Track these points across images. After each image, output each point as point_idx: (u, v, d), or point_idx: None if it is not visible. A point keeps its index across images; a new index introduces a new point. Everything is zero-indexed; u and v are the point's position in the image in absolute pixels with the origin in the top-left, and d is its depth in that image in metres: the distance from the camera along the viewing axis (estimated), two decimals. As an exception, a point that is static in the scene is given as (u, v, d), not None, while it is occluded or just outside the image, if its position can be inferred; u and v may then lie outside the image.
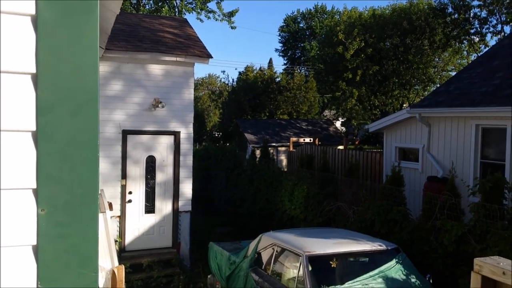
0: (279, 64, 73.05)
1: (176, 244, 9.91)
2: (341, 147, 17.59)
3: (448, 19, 23.37)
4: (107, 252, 4.11)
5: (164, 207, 9.88)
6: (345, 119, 31.99)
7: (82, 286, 1.51)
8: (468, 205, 6.96)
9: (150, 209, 9.79)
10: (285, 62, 46.02)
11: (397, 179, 8.88)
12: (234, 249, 7.92)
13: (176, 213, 9.93)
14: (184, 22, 12.35)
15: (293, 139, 20.86)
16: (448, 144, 10.19)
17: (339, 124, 37.59)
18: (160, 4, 23.41)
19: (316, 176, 11.53)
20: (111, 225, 4.73)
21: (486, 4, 22.29)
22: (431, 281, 6.06)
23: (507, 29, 22.98)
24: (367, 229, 7.89)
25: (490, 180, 6.85)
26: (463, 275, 6.16)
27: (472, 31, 23.70)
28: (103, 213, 4.24)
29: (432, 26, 22.99)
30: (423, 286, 5.82)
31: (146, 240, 9.71)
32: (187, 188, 10.03)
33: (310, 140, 20.89)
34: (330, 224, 9.01)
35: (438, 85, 20.60)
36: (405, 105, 24.91)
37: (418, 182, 10.54)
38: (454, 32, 23.58)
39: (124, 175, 9.47)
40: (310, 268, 5.82)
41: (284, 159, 20.86)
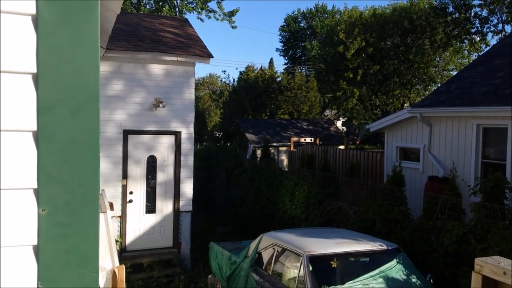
0: (280, 64, 73.08)
1: (176, 244, 9.92)
2: (342, 147, 17.59)
3: (449, 18, 23.35)
4: (107, 252, 4.11)
5: (165, 207, 9.88)
6: (346, 118, 31.97)
7: (82, 286, 1.51)
8: (469, 205, 6.96)
9: (151, 209, 9.79)
10: (286, 61, 46.05)
11: (398, 179, 8.88)
12: (234, 249, 7.92)
13: (177, 213, 9.93)
14: (185, 21, 12.36)
15: (294, 139, 20.85)
16: (449, 144, 10.18)
17: (340, 124, 37.57)
18: (160, 3, 23.41)
19: (317, 176, 11.53)
20: (112, 225, 4.73)
21: (487, 3, 22.26)
22: (431, 281, 6.06)
23: (508, 28, 23.06)
24: (368, 229, 7.88)
25: (491, 180, 6.85)
26: (464, 275, 6.15)
27: (473, 30, 23.67)
28: (104, 213, 4.24)
29: (433, 25, 22.98)
30: (423, 286, 5.82)
31: (147, 240, 9.71)
32: (188, 188, 10.03)
33: (311, 140, 20.88)
34: (331, 224, 9.01)
35: (439, 85, 20.58)
36: (406, 105, 24.88)
37: (419, 182, 10.53)
38: (455, 32, 23.56)
39: (125, 175, 9.47)
40: (311, 268, 5.82)
41: (285, 159, 20.86)
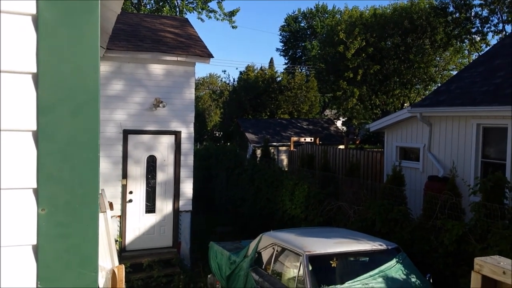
0: (280, 64, 73.08)
1: (176, 243, 9.92)
2: (342, 147, 17.59)
3: (449, 18, 23.35)
4: (107, 251, 4.11)
5: (165, 206, 9.89)
6: (346, 118, 31.97)
7: (82, 286, 1.51)
8: (469, 204, 6.96)
9: (151, 209, 9.80)
10: (286, 61, 46.03)
11: (398, 179, 8.88)
12: (234, 248, 7.92)
13: (176, 213, 9.93)
14: (185, 21, 12.36)
15: (294, 138, 20.85)
16: (449, 144, 10.18)
17: (340, 124, 37.57)
18: (161, 3, 23.40)
19: (317, 175, 11.53)
20: (111, 224, 4.73)
21: (487, 3, 22.26)
22: (431, 280, 6.06)
23: (509, 28, 23.06)
24: (368, 228, 7.88)
25: (491, 180, 6.85)
26: (463, 274, 6.15)
27: (473, 30, 23.67)
28: (104, 213, 4.24)
29: (433, 25, 22.97)
30: (423, 286, 5.82)
31: (146, 240, 9.72)
32: (187, 188, 10.03)
33: (311, 139, 20.88)
34: (330, 223, 9.01)
35: (439, 85, 20.58)
36: (406, 105, 24.88)
37: (419, 181, 10.53)
38: (455, 31, 23.56)
39: (125, 175, 9.47)
40: (311, 268, 5.82)
41: (285, 159, 20.87)
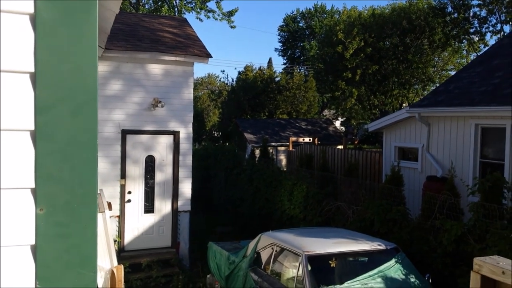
0: (279, 64, 73.05)
1: (175, 244, 9.91)
2: (340, 147, 17.60)
3: (448, 18, 23.38)
4: (106, 252, 4.10)
5: (164, 206, 9.87)
6: (345, 118, 32.00)
7: (81, 286, 1.51)
8: (468, 204, 6.96)
9: (150, 209, 9.78)
10: (285, 61, 46.06)
11: (396, 179, 8.89)
12: (233, 248, 7.92)
13: (175, 213, 9.92)
14: (184, 21, 12.35)
15: (293, 138, 20.85)
16: (448, 144, 10.19)
17: (338, 124, 37.59)
18: (159, 3, 23.40)
19: (316, 175, 11.53)
20: (110, 225, 4.72)
21: (486, 3, 22.30)
22: (430, 280, 6.06)
23: (507, 28, 23.01)
24: (367, 228, 7.88)
25: (490, 180, 6.85)
26: (462, 274, 6.16)
27: (472, 30, 23.71)
28: (102, 213, 4.23)
29: (431, 25, 23.00)
30: (422, 286, 5.82)
31: (145, 240, 9.70)
32: (186, 188, 10.02)
33: (310, 139, 20.89)
34: (329, 223, 9.01)
35: (438, 85, 20.60)
36: (405, 105, 24.90)
37: (418, 181, 10.54)
38: (454, 32, 23.59)
39: (123, 175, 9.46)
40: (310, 268, 5.82)
41: (283, 159, 20.86)
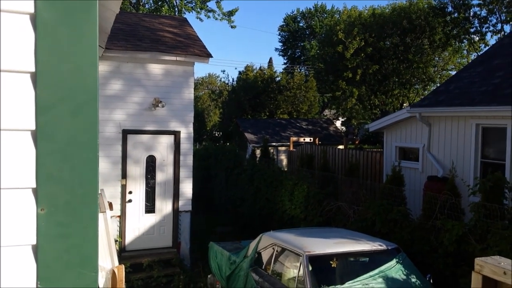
0: (279, 64, 73.06)
1: (176, 244, 9.91)
2: (341, 147, 17.59)
3: (448, 18, 23.36)
4: (107, 252, 4.10)
5: (164, 206, 9.87)
6: (345, 118, 31.99)
7: (82, 286, 1.51)
8: (469, 204, 6.95)
9: (150, 209, 9.78)
10: (285, 61, 46.06)
11: (397, 179, 8.88)
12: (234, 249, 7.92)
13: (176, 213, 9.92)
14: (184, 21, 12.34)
15: (293, 138, 20.85)
16: (448, 144, 10.18)
17: (339, 124, 37.58)
18: (159, 3, 23.39)
19: (316, 175, 11.52)
20: (111, 225, 4.72)
21: (486, 3, 22.28)
22: (431, 281, 6.06)
23: (507, 28, 22.99)
24: (368, 228, 7.88)
25: (491, 180, 6.84)
26: (463, 274, 6.15)
27: (472, 30, 23.69)
28: (103, 213, 4.23)
29: (432, 25, 22.98)
30: (423, 286, 5.82)
31: (146, 240, 9.70)
32: (187, 188, 10.02)
33: (310, 139, 20.88)
34: (330, 223, 9.01)
35: (438, 85, 20.58)
36: (405, 105, 24.89)
37: (418, 181, 10.53)
38: (454, 31, 23.58)
39: (124, 175, 9.46)
40: (310, 268, 5.81)
41: (284, 159, 20.86)
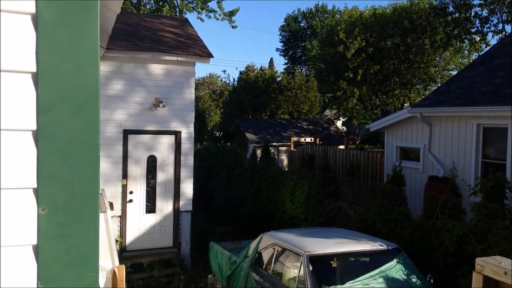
0: (280, 64, 73.07)
1: (177, 244, 9.91)
2: (342, 147, 17.58)
3: (449, 18, 23.35)
4: (107, 252, 4.11)
5: (165, 206, 9.88)
6: (346, 118, 31.96)
7: (82, 286, 1.51)
8: (469, 204, 6.95)
9: (151, 209, 9.79)
10: (286, 61, 46.03)
11: (398, 179, 8.88)
12: (234, 249, 7.92)
13: (177, 213, 9.93)
14: (185, 21, 12.35)
15: (294, 138, 20.84)
16: (449, 144, 10.17)
17: (340, 124, 37.56)
18: (160, 3, 23.39)
19: (317, 175, 11.52)
20: (112, 224, 4.72)
21: (487, 3, 22.26)
22: (432, 281, 6.05)
23: (508, 28, 23.01)
24: (368, 228, 7.88)
25: (491, 180, 6.84)
26: (464, 274, 6.15)
27: (473, 30, 23.67)
28: (104, 213, 4.24)
29: (433, 25, 22.97)
30: (424, 286, 5.82)
31: (147, 240, 9.71)
32: (188, 188, 10.02)
33: (311, 139, 20.87)
34: (331, 223, 9.00)
35: (439, 85, 20.57)
36: (406, 105, 24.88)
37: (419, 181, 10.52)
38: (455, 31, 23.56)
39: (125, 175, 9.47)
40: (311, 268, 5.81)
41: (285, 159, 20.86)
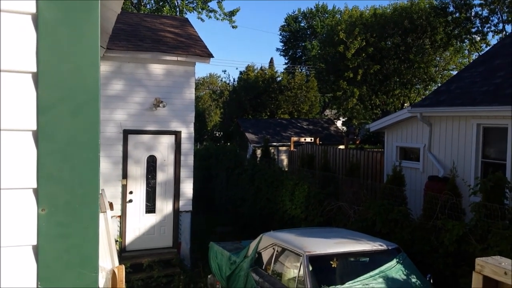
0: (280, 64, 73.05)
1: (176, 244, 9.91)
2: (342, 147, 17.58)
3: (449, 18, 23.35)
4: (107, 252, 4.10)
5: (165, 207, 9.88)
6: (346, 118, 31.95)
7: (82, 286, 1.51)
8: (469, 204, 6.95)
9: (151, 209, 9.79)
10: (286, 61, 46.03)
11: (398, 179, 8.88)
12: (234, 249, 7.92)
13: (176, 213, 9.93)
14: (185, 21, 12.35)
15: (294, 138, 20.84)
16: (449, 144, 10.17)
17: (340, 124, 37.55)
18: (161, 3, 23.38)
19: (317, 175, 11.52)
20: (111, 225, 4.72)
21: (488, 3, 22.25)
22: (431, 281, 6.05)
23: (509, 28, 23.06)
24: (368, 228, 7.88)
25: (491, 180, 6.84)
26: (464, 274, 6.15)
27: (474, 30, 23.67)
28: (104, 213, 4.23)
29: (433, 25, 22.96)
30: (423, 286, 5.82)
31: (146, 240, 9.71)
32: (188, 188, 10.02)
33: (311, 139, 20.87)
34: (331, 223, 9.00)
35: (439, 85, 20.57)
36: (406, 105, 24.87)
37: (419, 181, 10.52)
38: (456, 31, 23.56)
39: (125, 175, 9.47)
40: (311, 268, 5.81)
41: (285, 159, 20.86)
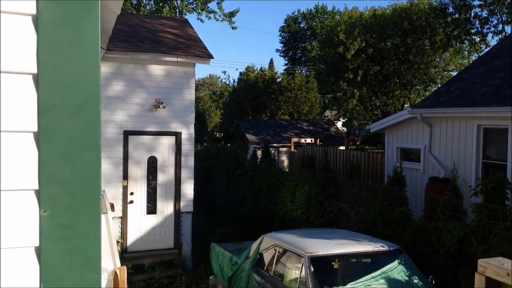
0: (280, 65, 73.17)
1: (178, 245, 9.91)
2: (342, 148, 17.58)
3: (449, 19, 23.37)
4: (109, 253, 4.10)
5: (166, 208, 9.87)
6: (346, 119, 31.95)
7: (85, 287, 1.50)
8: (470, 205, 6.94)
9: (152, 210, 9.78)
10: (286, 62, 46.06)
11: (398, 180, 8.87)
12: (236, 250, 7.91)
13: (177, 214, 9.92)
14: (185, 22, 12.36)
15: (294, 139, 20.84)
16: (450, 145, 10.17)
17: (340, 125, 37.55)
18: (160, 4, 23.41)
19: (318, 176, 11.51)
20: (113, 226, 4.72)
21: (487, 4, 22.28)
22: (433, 282, 6.05)
23: (508, 29, 23.09)
24: (369, 229, 7.87)
25: (492, 181, 6.84)
26: (465, 275, 6.14)
27: (473, 31, 23.69)
28: (105, 214, 4.23)
29: (433, 26, 22.98)
30: (425, 287, 5.81)
31: (148, 241, 9.70)
32: (188, 189, 10.02)
33: (311, 140, 20.87)
34: (332, 224, 9.00)
35: (439, 85, 20.57)
36: (406, 106, 24.88)
37: (420, 182, 10.51)
38: (455, 32, 23.58)
39: (125, 176, 9.46)
40: (312, 269, 5.81)
41: (285, 160, 20.85)
